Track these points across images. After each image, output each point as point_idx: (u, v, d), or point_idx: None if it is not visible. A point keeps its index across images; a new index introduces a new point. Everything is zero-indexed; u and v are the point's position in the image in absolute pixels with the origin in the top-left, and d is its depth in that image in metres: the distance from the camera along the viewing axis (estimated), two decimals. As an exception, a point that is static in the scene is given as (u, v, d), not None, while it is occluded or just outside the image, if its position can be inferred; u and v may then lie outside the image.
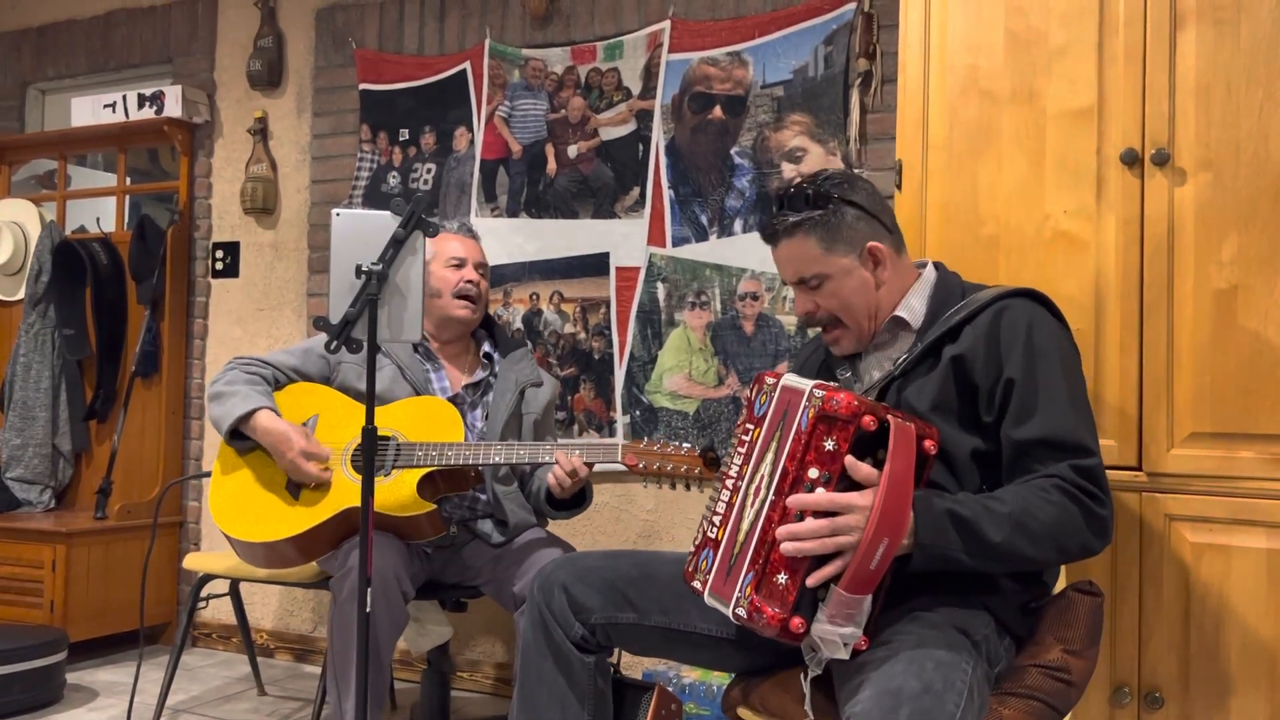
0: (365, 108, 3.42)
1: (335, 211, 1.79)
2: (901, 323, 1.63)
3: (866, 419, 1.36)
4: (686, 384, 2.95)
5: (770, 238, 1.66)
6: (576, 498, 2.34)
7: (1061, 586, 1.61)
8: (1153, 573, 1.78)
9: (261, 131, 3.59)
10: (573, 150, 3.12)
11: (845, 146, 2.77)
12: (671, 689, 2.46)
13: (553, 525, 2.55)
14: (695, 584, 1.52)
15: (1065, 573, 1.67)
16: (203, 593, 2.70)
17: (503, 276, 3.18)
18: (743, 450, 1.51)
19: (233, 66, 3.68)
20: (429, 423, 2.25)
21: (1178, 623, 1.76)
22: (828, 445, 1.37)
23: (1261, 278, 1.72)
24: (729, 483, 1.52)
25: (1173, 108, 1.80)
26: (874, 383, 1.61)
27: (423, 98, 3.34)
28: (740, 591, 1.41)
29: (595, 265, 3.07)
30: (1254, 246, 1.73)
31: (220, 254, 3.68)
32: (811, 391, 1.40)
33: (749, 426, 1.52)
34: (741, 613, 1.40)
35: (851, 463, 1.37)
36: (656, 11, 3.03)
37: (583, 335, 3.09)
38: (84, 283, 3.71)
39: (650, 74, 3.02)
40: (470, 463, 2.19)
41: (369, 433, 1.71)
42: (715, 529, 1.51)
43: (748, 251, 2.87)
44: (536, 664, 1.68)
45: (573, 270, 3.10)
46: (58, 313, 3.71)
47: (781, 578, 1.37)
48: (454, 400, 2.36)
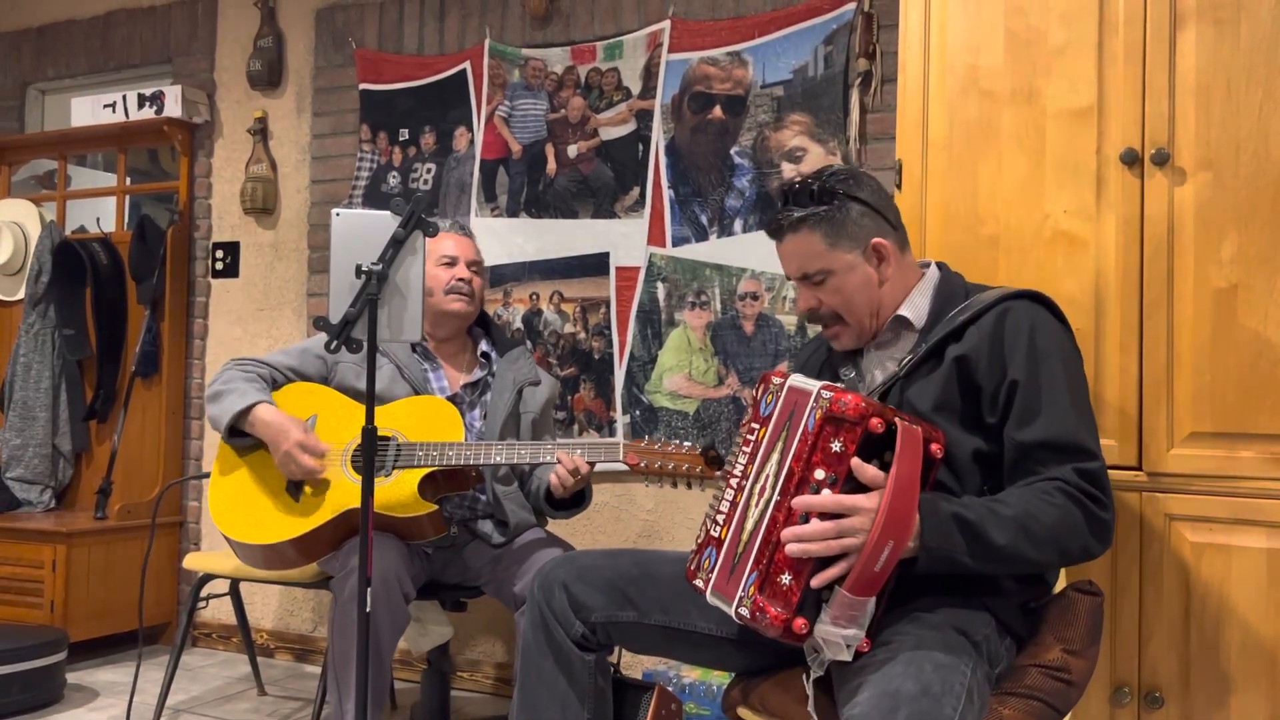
0: (365, 108, 3.42)
1: (335, 211, 1.79)
2: (904, 322, 1.63)
3: (874, 421, 1.36)
4: (686, 384, 2.95)
5: (775, 232, 1.66)
6: (576, 497, 2.34)
7: (1062, 586, 1.61)
8: (1153, 572, 1.78)
9: (261, 131, 3.59)
10: (573, 150, 3.12)
11: (845, 146, 2.77)
12: (671, 689, 2.46)
13: (553, 525, 2.55)
14: (697, 583, 1.52)
15: (1065, 573, 1.67)
16: (203, 593, 2.70)
17: (503, 276, 3.18)
18: (747, 450, 1.50)
19: (233, 66, 3.68)
20: (429, 422, 2.25)
21: (1178, 622, 1.76)
22: (834, 447, 1.37)
23: (1261, 277, 1.72)
24: (733, 482, 1.51)
25: (1172, 107, 1.80)
26: (879, 383, 1.61)
27: (423, 98, 3.34)
28: (744, 591, 1.40)
29: (595, 265, 3.07)
30: (1254, 246, 1.73)
31: (220, 254, 3.68)
32: (819, 393, 1.40)
33: (754, 426, 1.51)
34: (744, 612, 1.39)
35: (858, 464, 1.36)
36: (656, 11, 3.03)
37: (583, 335, 3.09)
38: (84, 283, 3.71)
39: (650, 74, 3.02)
40: (471, 462, 2.19)
41: (369, 433, 1.71)
42: (719, 528, 1.50)
43: (748, 251, 2.87)
44: (537, 663, 1.68)
45: (573, 270, 3.10)
46: (58, 313, 3.71)
47: (785, 578, 1.37)
48: (452, 400, 2.36)
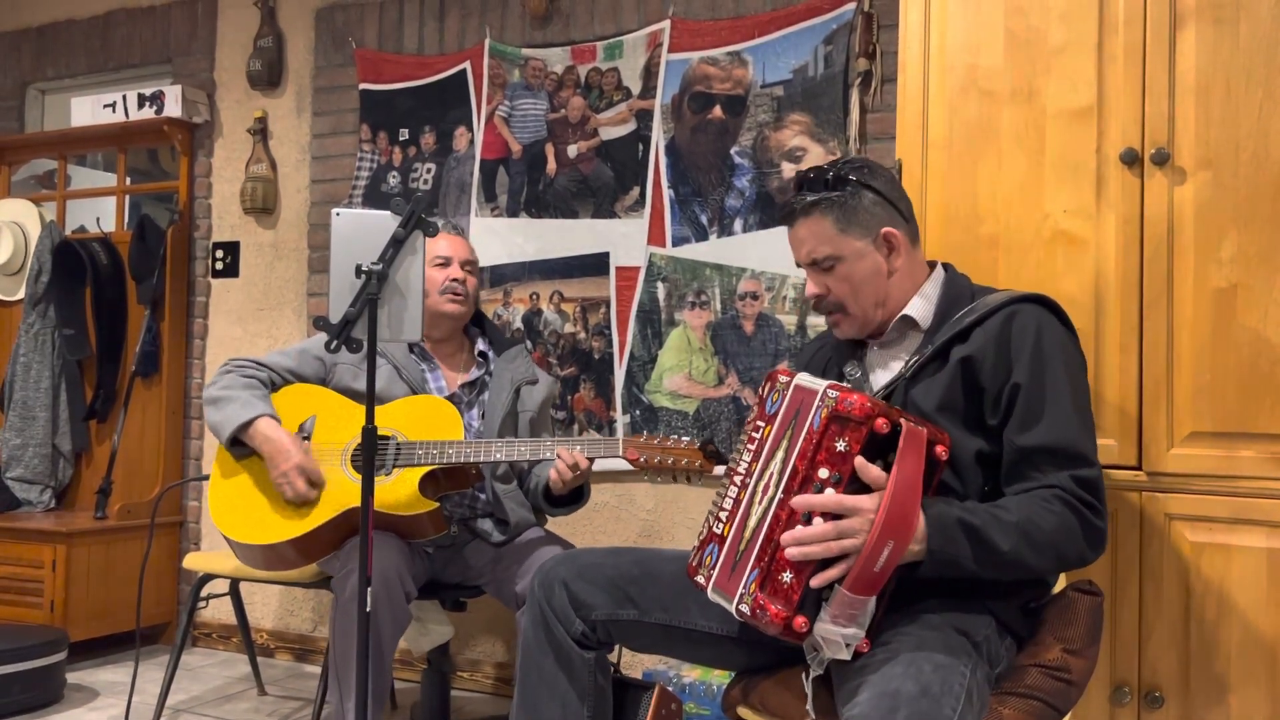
0: (365, 107, 3.42)
1: (335, 211, 1.79)
2: (910, 322, 1.63)
3: (879, 421, 1.36)
4: (686, 384, 2.95)
5: (787, 217, 1.66)
6: (574, 494, 2.34)
7: (1061, 586, 1.61)
8: (1153, 572, 1.78)
9: (261, 131, 3.59)
10: (573, 150, 3.12)
11: (845, 146, 2.77)
12: (671, 688, 2.46)
13: (553, 524, 2.55)
14: (699, 579, 1.52)
15: (1065, 573, 1.67)
16: (203, 592, 2.70)
17: (503, 276, 3.18)
18: (752, 447, 1.50)
19: (232, 66, 3.68)
20: (428, 421, 2.25)
21: (1178, 622, 1.76)
22: (839, 446, 1.37)
23: (1261, 276, 1.72)
24: (737, 479, 1.51)
25: (1172, 107, 1.80)
26: (886, 383, 1.61)
27: (423, 97, 3.34)
28: (744, 588, 1.40)
29: (595, 265, 3.07)
30: (1254, 245, 1.73)
31: (220, 254, 3.68)
32: (825, 391, 1.40)
33: (759, 424, 1.51)
34: (745, 610, 1.39)
35: (861, 464, 1.36)
36: (656, 11, 3.03)
37: (583, 335, 3.09)
38: (84, 283, 3.71)
39: (650, 74, 3.02)
40: (472, 460, 2.19)
41: (369, 433, 1.71)
42: (721, 525, 1.50)
43: (748, 251, 2.87)
44: (537, 661, 1.68)
45: (573, 270, 3.10)
46: (58, 313, 3.71)
47: (786, 576, 1.37)
48: (450, 399, 2.36)
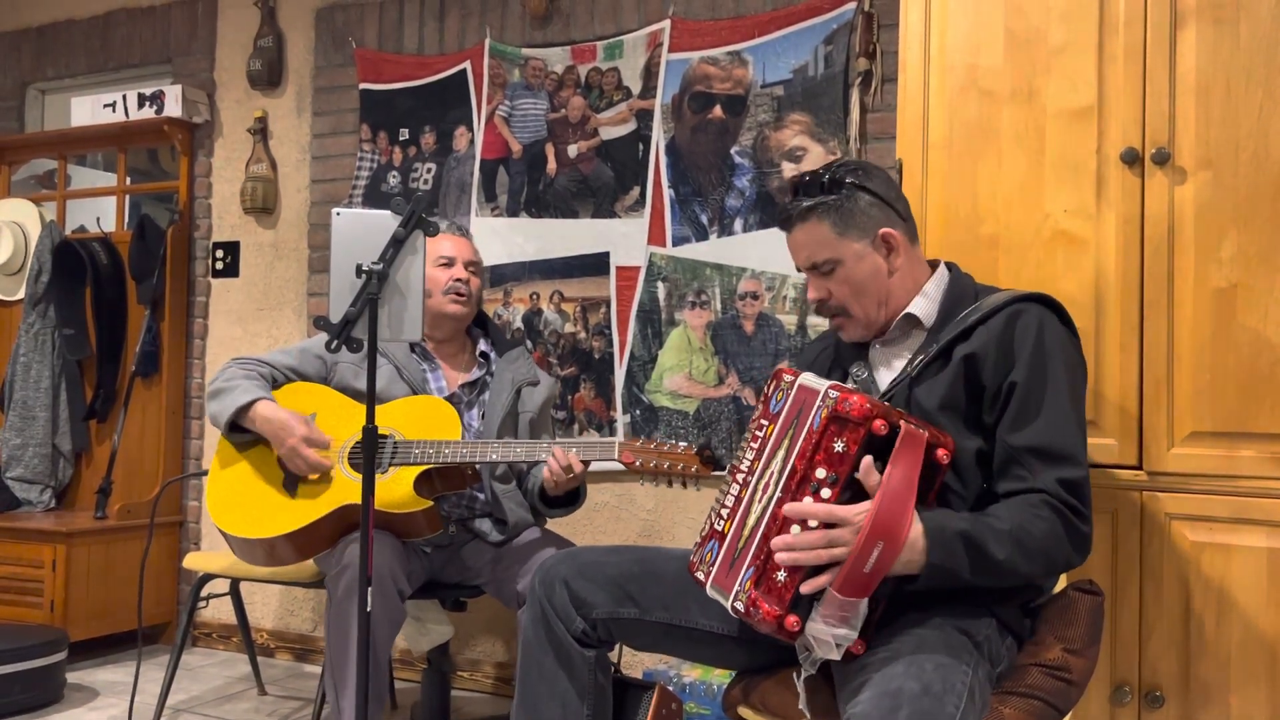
0: (365, 107, 3.42)
1: (335, 211, 1.79)
2: (914, 320, 1.63)
3: (877, 423, 1.36)
4: (687, 383, 2.95)
5: (785, 223, 1.66)
6: (569, 496, 2.34)
7: (1062, 586, 1.61)
8: (1153, 571, 1.78)
9: (261, 131, 3.59)
10: (573, 150, 3.12)
11: (845, 146, 2.77)
12: (672, 688, 2.46)
13: (552, 524, 2.55)
14: (699, 575, 1.53)
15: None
16: (203, 592, 2.70)
17: (503, 276, 3.18)
18: (755, 445, 1.51)
19: (232, 66, 3.68)
20: (426, 421, 2.25)
21: (1178, 621, 1.76)
22: (837, 446, 1.37)
23: (1261, 276, 1.72)
24: (739, 477, 1.52)
25: (1173, 107, 1.80)
26: (890, 382, 1.61)
27: (423, 97, 3.34)
28: (740, 586, 1.41)
29: (595, 265, 3.07)
30: (1254, 245, 1.73)
31: (220, 254, 3.68)
32: (826, 392, 1.40)
33: (763, 422, 1.52)
34: (740, 607, 1.41)
35: (866, 467, 1.37)
36: (656, 11, 3.03)
37: (583, 335, 3.09)
38: (84, 283, 3.71)
39: (650, 73, 3.02)
40: (468, 460, 2.19)
41: (369, 432, 1.71)
42: (722, 522, 1.51)
43: (748, 251, 2.87)
44: (537, 659, 1.68)
45: (573, 270, 3.10)
46: (58, 313, 3.71)
47: (780, 575, 1.38)
48: (450, 399, 2.36)
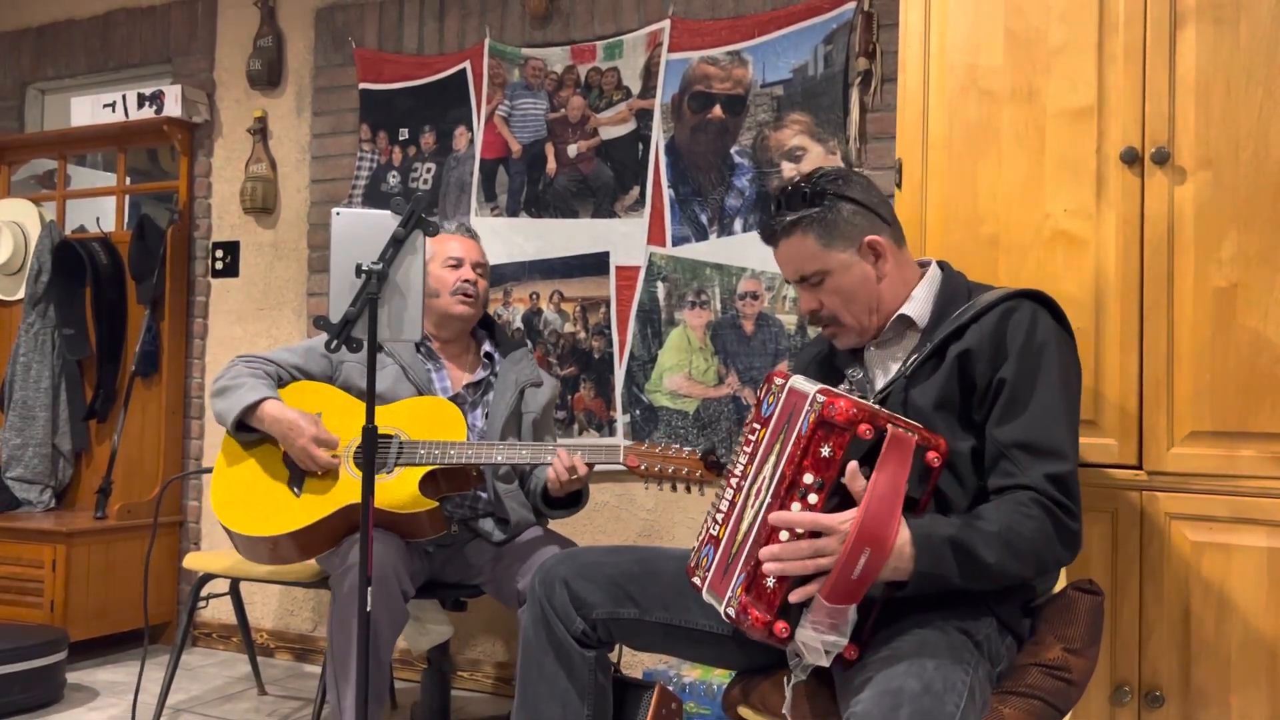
0: (365, 107, 3.42)
1: (335, 211, 1.79)
2: (907, 321, 1.63)
3: (862, 427, 1.35)
4: (686, 383, 2.95)
5: (769, 238, 1.67)
6: (572, 498, 2.34)
7: (1062, 585, 1.61)
8: (1153, 571, 1.78)
9: (261, 131, 3.59)
10: (572, 150, 3.12)
11: (845, 145, 2.77)
12: (672, 688, 2.46)
13: (552, 523, 2.55)
14: (696, 579, 1.53)
15: (1065, 571, 1.67)
16: (203, 592, 2.70)
17: (503, 276, 3.18)
18: (748, 450, 1.51)
19: (232, 66, 3.68)
20: (431, 422, 2.25)
21: (1178, 621, 1.76)
22: (824, 451, 1.37)
23: (1261, 276, 1.72)
24: (733, 481, 1.52)
25: (1172, 106, 1.80)
26: (885, 384, 1.61)
27: (422, 97, 3.34)
28: (732, 592, 1.41)
29: (595, 265, 3.07)
30: (1254, 245, 1.73)
31: (220, 253, 3.67)
32: (814, 396, 1.39)
33: (755, 426, 1.52)
34: (731, 612, 1.41)
35: (851, 472, 1.36)
36: (656, 11, 3.03)
37: (583, 335, 3.09)
38: (84, 282, 3.71)
39: (650, 73, 3.02)
40: (473, 461, 2.19)
41: (369, 432, 1.71)
42: (718, 526, 1.51)
43: (748, 251, 2.87)
44: (537, 659, 1.68)
45: (572, 270, 3.10)
46: (58, 313, 3.71)
47: (770, 581, 1.38)
48: (455, 400, 2.37)
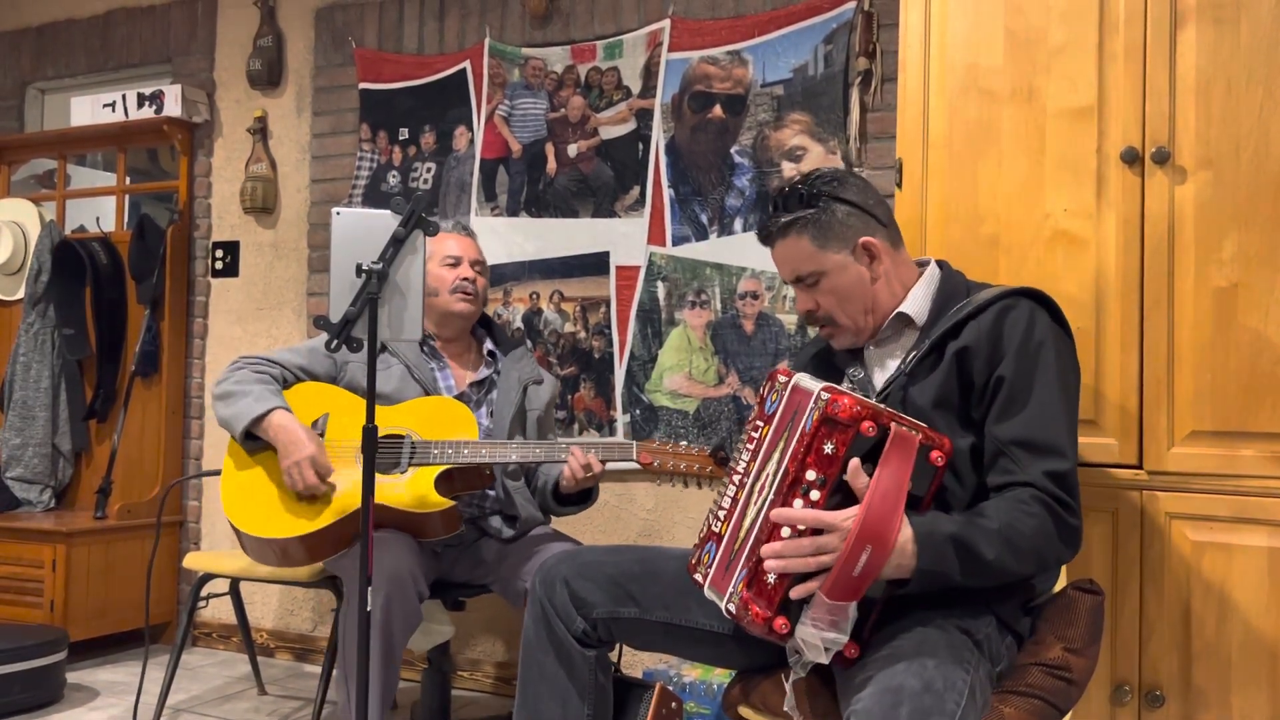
0: (365, 107, 3.42)
1: (335, 210, 1.78)
2: (906, 319, 1.64)
3: (865, 425, 1.36)
4: (686, 383, 2.95)
5: (765, 239, 1.69)
6: (582, 495, 2.35)
7: (1062, 585, 1.61)
8: (1154, 571, 1.78)
9: (261, 131, 3.59)
10: (572, 149, 3.12)
11: (845, 145, 2.77)
12: (672, 687, 2.46)
13: (557, 522, 2.55)
14: (697, 576, 1.53)
15: (1066, 571, 1.67)
16: (203, 592, 2.70)
17: (503, 276, 3.18)
18: (751, 447, 1.51)
19: (232, 66, 3.68)
20: (443, 421, 2.25)
21: (1178, 621, 1.76)
22: (827, 449, 1.37)
23: (1262, 276, 1.72)
24: (736, 478, 1.52)
25: (1173, 106, 1.80)
26: (884, 382, 1.61)
27: (422, 97, 3.34)
28: (733, 587, 1.42)
29: (595, 264, 3.07)
30: (1254, 245, 1.73)
31: (220, 253, 3.67)
32: (819, 394, 1.39)
33: (759, 424, 1.52)
34: (732, 608, 1.41)
35: (853, 469, 1.36)
36: (656, 10, 3.03)
37: (583, 334, 3.09)
38: (84, 282, 3.71)
39: (650, 73, 3.02)
40: (488, 460, 2.19)
41: (369, 431, 1.71)
42: (720, 523, 1.52)
43: (748, 250, 2.87)
44: (538, 659, 1.68)
45: (572, 269, 3.10)
46: (57, 312, 3.71)
47: (771, 577, 1.38)
48: (460, 398, 2.37)
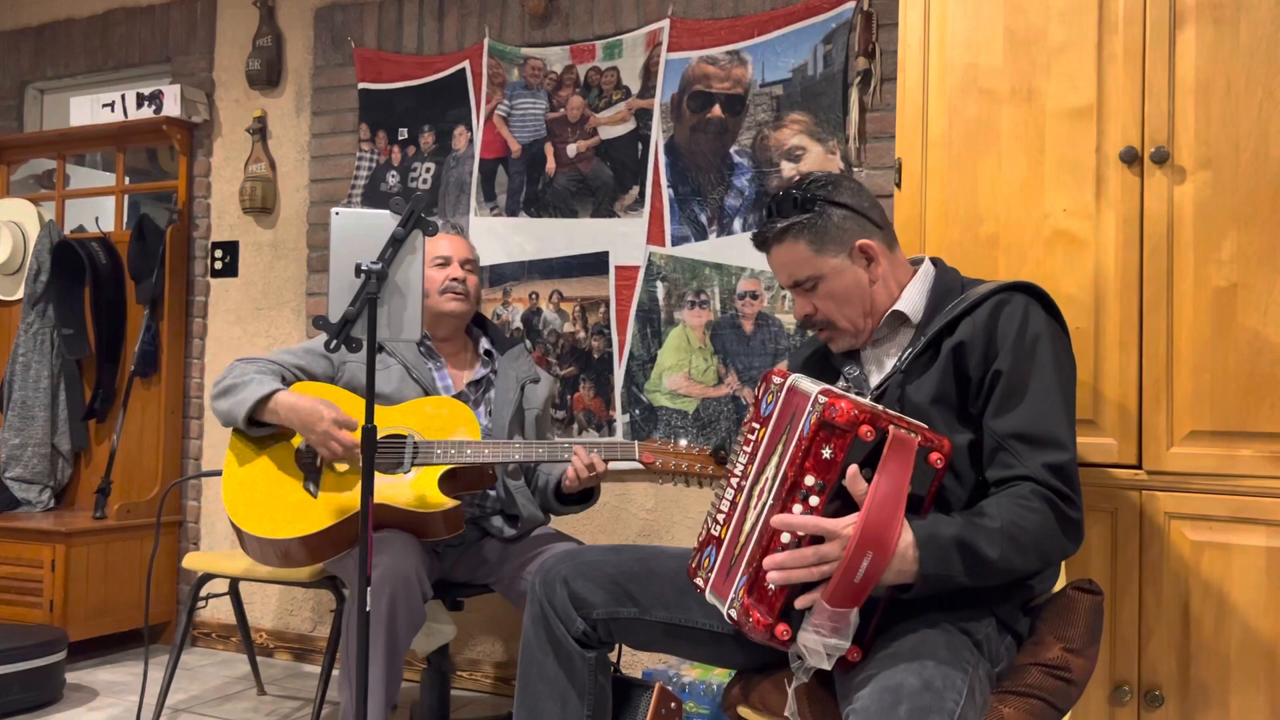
0: (364, 107, 3.42)
1: (334, 210, 1.79)
2: (901, 317, 1.64)
3: (864, 429, 1.35)
4: (686, 383, 2.95)
5: (762, 245, 1.68)
6: (584, 494, 2.36)
7: (1061, 585, 1.61)
8: (1153, 571, 1.78)
9: (260, 131, 3.59)
10: (572, 149, 3.12)
11: (844, 145, 2.77)
12: (671, 687, 2.46)
13: (556, 521, 2.55)
14: (698, 580, 1.52)
15: (1065, 571, 1.67)
16: (202, 592, 2.70)
17: (502, 276, 3.18)
18: (748, 449, 1.50)
19: (231, 66, 3.68)
20: (444, 421, 2.25)
21: (1177, 621, 1.76)
22: (825, 453, 1.36)
23: (1261, 276, 1.72)
24: (734, 481, 1.51)
25: (1172, 106, 1.80)
26: (881, 380, 1.61)
27: (422, 97, 3.34)
28: (735, 593, 1.41)
29: (594, 264, 3.07)
30: (1253, 245, 1.73)
31: (219, 253, 3.67)
32: (816, 397, 1.38)
33: (755, 426, 1.51)
34: (734, 614, 1.40)
35: (852, 475, 1.36)
36: (655, 10, 3.03)
37: (582, 334, 3.09)
38: (83, 282, 3.71)
39: (649, 73, 3.02)
40: (491, 460, 2.19)
41: (369, 432, 1.71)
42: (719, 527, 1.51)
43: (747, 250, 2.87)
44: (538, 659, 1.68)
45: (572, 269, 3.10)
46: (57, 312, 3.71)
47: (772, 584, 1.37)
48: (458, 398, 2.37)
